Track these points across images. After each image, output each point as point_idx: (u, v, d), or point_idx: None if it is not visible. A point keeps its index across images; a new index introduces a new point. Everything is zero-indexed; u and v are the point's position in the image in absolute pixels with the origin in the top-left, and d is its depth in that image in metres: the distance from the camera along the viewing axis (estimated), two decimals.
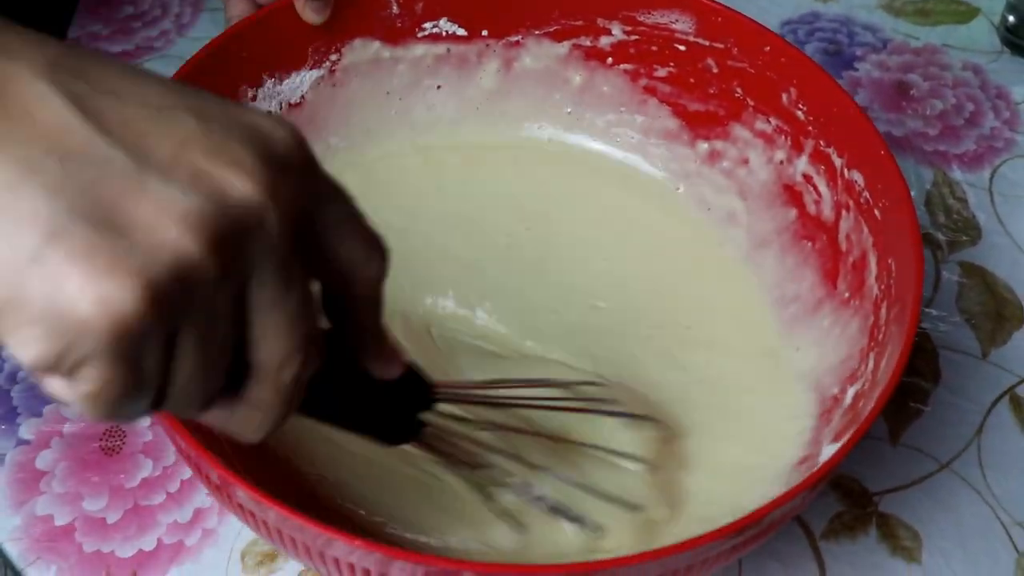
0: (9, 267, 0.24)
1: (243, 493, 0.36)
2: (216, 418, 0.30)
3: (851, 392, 0.46)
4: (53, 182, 0.25)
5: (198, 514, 0.49)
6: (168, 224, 0.25)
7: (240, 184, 0.26)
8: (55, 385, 0.26)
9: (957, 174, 0.63)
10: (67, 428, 0.52)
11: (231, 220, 0.26)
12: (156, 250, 0.25)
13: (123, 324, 0.25)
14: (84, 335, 0.25)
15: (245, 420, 0.29)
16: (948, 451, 0.52)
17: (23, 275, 0.24)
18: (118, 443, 0.52)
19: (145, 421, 0.52)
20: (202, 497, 0.50)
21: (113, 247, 0.24)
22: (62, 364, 0.25)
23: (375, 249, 0.30)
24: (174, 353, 0.26)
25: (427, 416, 0.38)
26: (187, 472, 0.51)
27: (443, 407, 0.39)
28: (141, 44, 0.68)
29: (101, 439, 0.52)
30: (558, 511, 0.42)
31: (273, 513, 0.36)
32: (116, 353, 0.25)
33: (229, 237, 0.26)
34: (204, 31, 0.68)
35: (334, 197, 0.30)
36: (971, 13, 0.72)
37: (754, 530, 0.38)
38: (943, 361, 0.55)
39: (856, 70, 0.68)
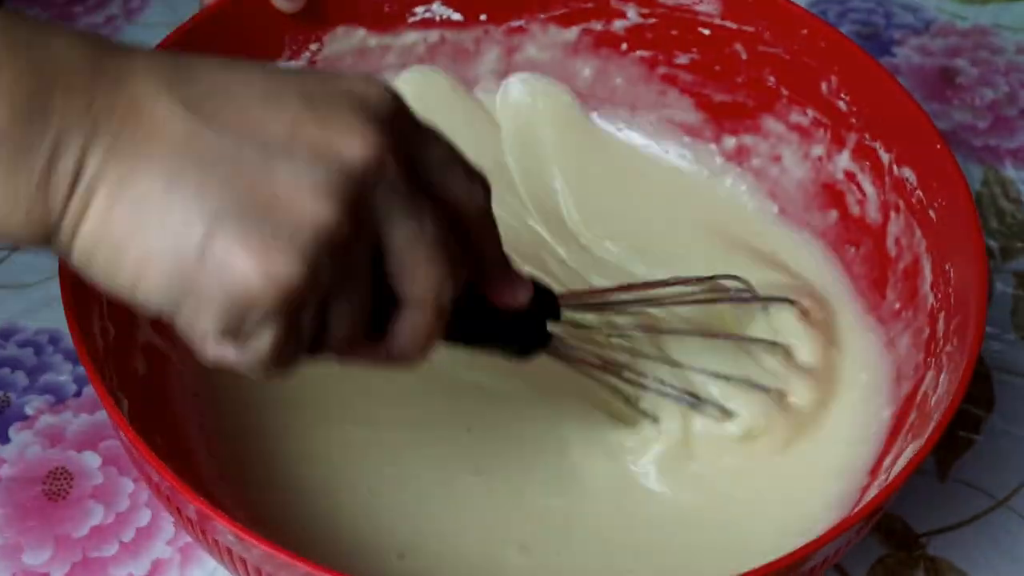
0: (181, 267, 0.30)
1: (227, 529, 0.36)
2: (369, 354, 0.35)
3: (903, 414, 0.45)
4: (196, 186, 0.30)
5: (157, 566, 0.47)
6: (302, 199, 0.30)
7: (354, 146, 0.31)
8: (228, 352, 0.32)
9: (1011, 172, 0.61)
10: (4, 471, 0.49)
11: (355, 180, 0.31)
12: (299, 223, 0.30)
13: (287, 290, 0.30)
14: (256, 306, 0.30)
15: (406, 348, 0.35)
16: (1004, 486, 0.50)
17: (194, 271, 0.30)
18: (64, 487, 0.49)
19: (96, 462, 0.49)
20: (161, 547, 0.47)
21: (262, 229, 0.30)
22: (239, 333, 0.31)
23: (475, 180, 0.35)
24: (328, 304, 0.32)
25: (556, 328, 0.42)
26: (144, 519, 0.48)
27: (571, 317, 0.44)
28: (84, 31, 0.64)
29: (44, 482, 0.49)
30: (695, 401, 0.45)
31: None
32: (282, 316, 0.31)
33: (357, 196, 0.31)
34: (157, 16, 0.64)
35: (431, 138, 0.34)
36: None
37: None
38: (997, 385, 0.53)
39: (894, 55, 0.65)
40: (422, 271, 0.33)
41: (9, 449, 0.50)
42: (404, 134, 0.33)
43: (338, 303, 0.32)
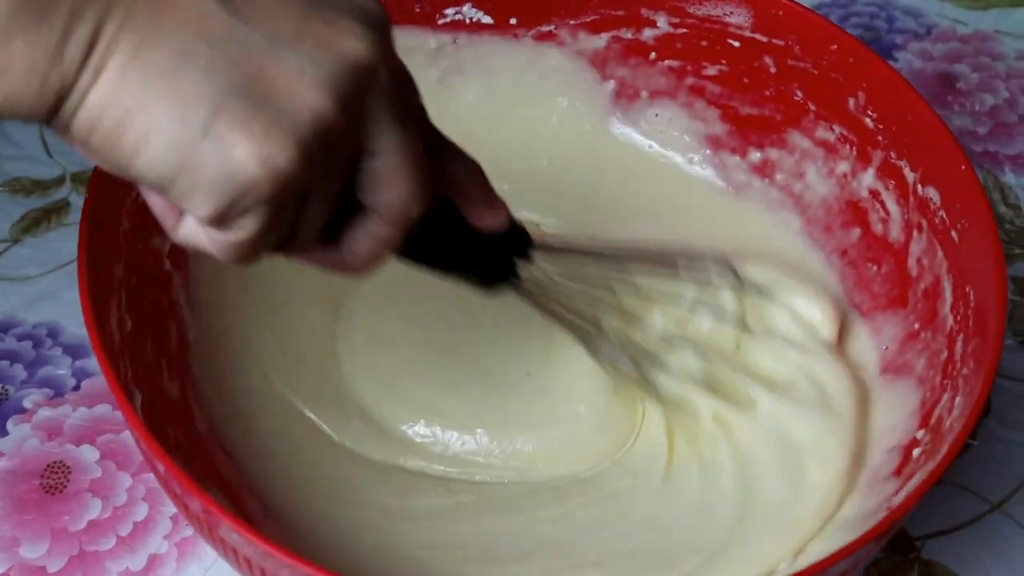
0: (183, 141, 0.31)
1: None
2: (323, 258, 0.37)
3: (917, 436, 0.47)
4: (206, 64, 0.31)
5: (153, 561, 0.48)
6: (305, 89, 0.32)
7: (356, 47, 0.33)
8: (201, 235, 0.34)
9: (1010, 178, 0.63)
10: (2, 464, 0.50)
11: (353, 79, 0.33)
12: (299, 112, 0.32)
13: (282, 177, 0.32)
14: (250, 191, 0.32)
15: (361, 255, 0.37)
16: (999, 490, 0.52)
17: (196, 147, 0.31)
18: (61, 480, 0.50)
19: (94, 456, 0.51)
20: (158, 541, 0.49)
21: (266, 115, 0.31)
22: (229, 216, 0.32)
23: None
24: (306, 200, 0.34)
25: (527, 269, 0.44)
26: (141, 513, 0.49)
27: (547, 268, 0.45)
28: None
29: (42, 476, 0.50)
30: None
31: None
32: (272, 204, 0.32)
33: (353, 94, 0.33)
34: None
35: (409, 77, 0.37)
36: None
37: None
38: (993, 389, 0.53)
39: (895, 60, 0.67)
40: (397, 180, 0.35)
41: (7, 442, 0.51)
42: (394, 56, 0.35)
43: (315, 200, 0.34)
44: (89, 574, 0.48)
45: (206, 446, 0.47)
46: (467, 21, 0.55)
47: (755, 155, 0.56)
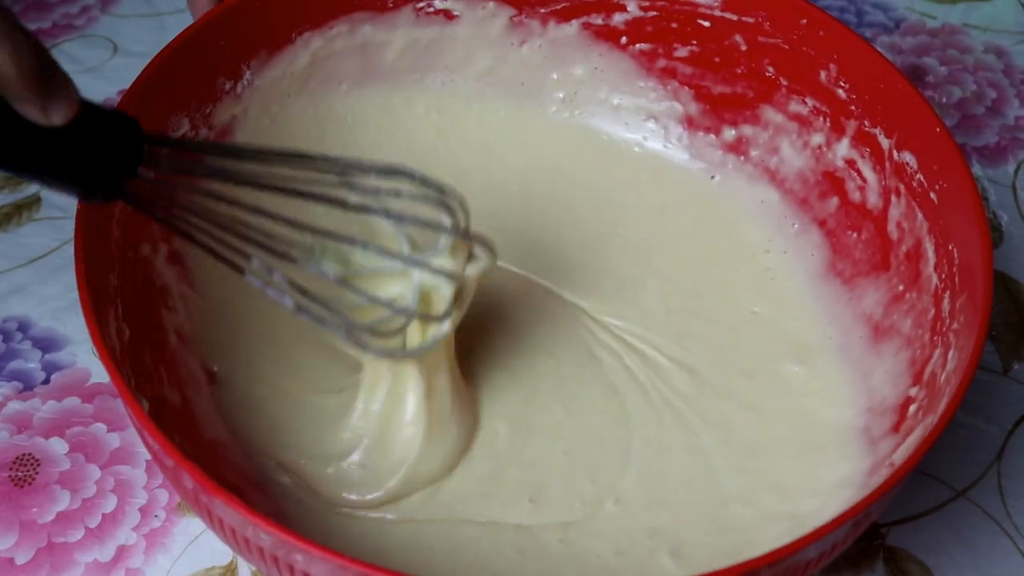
0: None
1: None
2: None
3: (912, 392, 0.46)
4: None
5: (121, 553, 0.47)
6: None
7: None
8: None
9: (977, 169, 0.64)
10: None
11: None
12: None
13: None
14: None
15: None
16: (964, 477, 0.51)
17: None
18: (30, 473, 0.49)
19: (63, 449, 0.49)
20: (126, 533, 0.48)
21: None
22: None
23: None
24: None
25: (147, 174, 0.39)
26: (110, 505, 0.48)
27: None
28: (59, 21, 0.65)
29: (10, 468, 0.49)
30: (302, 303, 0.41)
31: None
32: None
33: None
34: (131, 8, 0.66)
35: None
36: None
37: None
38: None
39: None
40: None
41: None
42: None
43: None
44: (57, 566, 0.46)
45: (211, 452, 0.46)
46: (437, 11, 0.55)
47: (729, 133, 0.56)
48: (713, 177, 0.57)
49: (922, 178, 0.49)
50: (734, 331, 0.52)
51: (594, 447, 0.48)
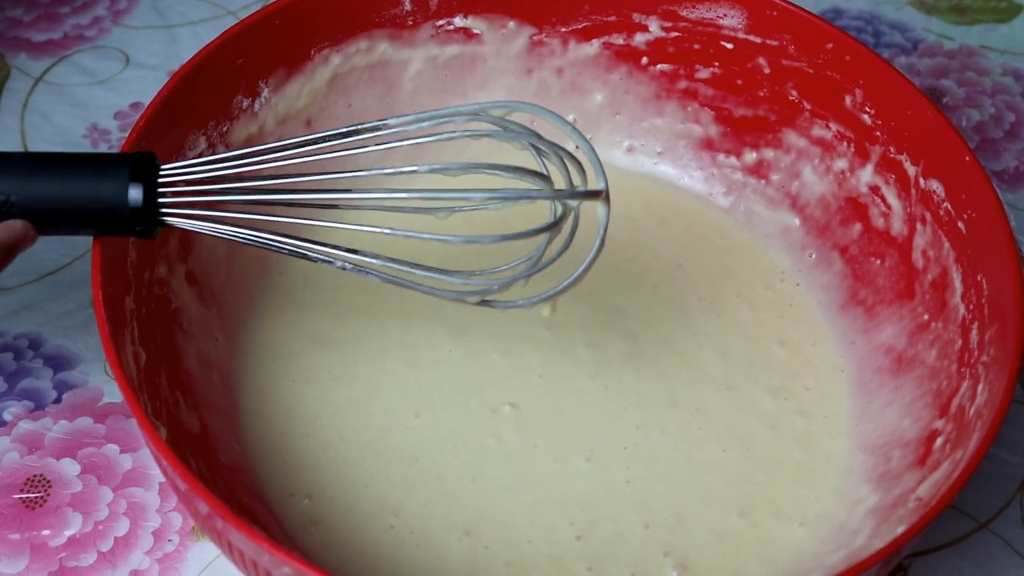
0: None
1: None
2: None
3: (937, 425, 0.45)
4: None
5: None
6: None
7: None
8: None
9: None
10: None
11: None
12: None
13: None
14: None
15: None
16: (986, 508, 0.50)
17: None
18: (42, 495, 0.48)
19: (75, 470, 0.48)
20: (139, 557, 0.46)
21: None
22: None
23: None
24: None
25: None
26: (123, 528, 0.47)
27: None
28: (70, 32, 0.63)
29: (21, 490, 0.48)
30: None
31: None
32: None
33: None
34: (143, 20, 0.64)
35: None
36: (1013, 11, 0.71)
37: None
38: None
39: None
40: None
41: None
42: None
43: None
44: None
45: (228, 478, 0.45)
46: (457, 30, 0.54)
47: (750, 156, 0.55)
48: (733, 200, 0.55)
49: (949, 207, 0.48)
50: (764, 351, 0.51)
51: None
